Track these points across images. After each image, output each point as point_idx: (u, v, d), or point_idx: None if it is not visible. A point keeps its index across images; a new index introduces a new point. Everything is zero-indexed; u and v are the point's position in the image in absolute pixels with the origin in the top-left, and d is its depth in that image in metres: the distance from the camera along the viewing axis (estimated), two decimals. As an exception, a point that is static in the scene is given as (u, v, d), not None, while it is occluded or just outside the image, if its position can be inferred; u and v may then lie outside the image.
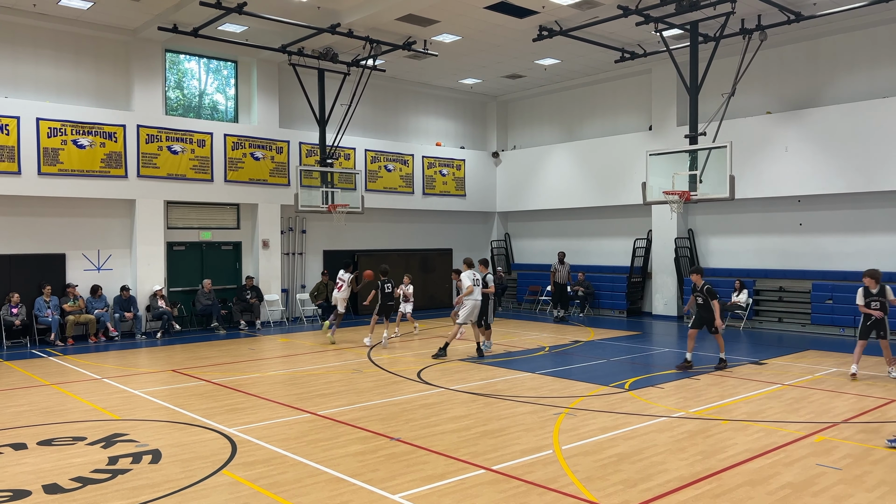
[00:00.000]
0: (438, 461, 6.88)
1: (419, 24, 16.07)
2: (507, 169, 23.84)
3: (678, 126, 18.65)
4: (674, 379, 10.97)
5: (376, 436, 7.80)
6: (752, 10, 14.74)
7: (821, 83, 16.87)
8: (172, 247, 17.69)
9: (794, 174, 16.69)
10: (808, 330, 16.41)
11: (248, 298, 17.94)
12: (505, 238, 24.50)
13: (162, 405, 9.46)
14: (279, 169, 18.88)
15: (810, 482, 6.24)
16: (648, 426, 8.14)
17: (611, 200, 20.51)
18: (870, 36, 16.02)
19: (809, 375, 11.16)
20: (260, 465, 6.81)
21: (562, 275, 19.67)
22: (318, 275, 19.88)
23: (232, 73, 18.88)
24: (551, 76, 21.37)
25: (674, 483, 6.23)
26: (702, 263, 19.22)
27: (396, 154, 21.41)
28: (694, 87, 14.90)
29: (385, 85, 21.32)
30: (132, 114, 16.52)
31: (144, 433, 8.03)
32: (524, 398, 9.64)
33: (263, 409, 9.21)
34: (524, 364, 12.42)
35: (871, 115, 15.51)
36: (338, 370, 11.92)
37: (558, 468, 6.65)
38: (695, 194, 14.25)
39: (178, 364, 12.71)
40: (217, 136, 17.78)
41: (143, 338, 16.10)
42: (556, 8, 14.99)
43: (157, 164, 16.78)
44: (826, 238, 16.87)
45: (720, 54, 15.24)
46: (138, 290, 16.63)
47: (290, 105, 19.50)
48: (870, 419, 8.42)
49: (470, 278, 13.06)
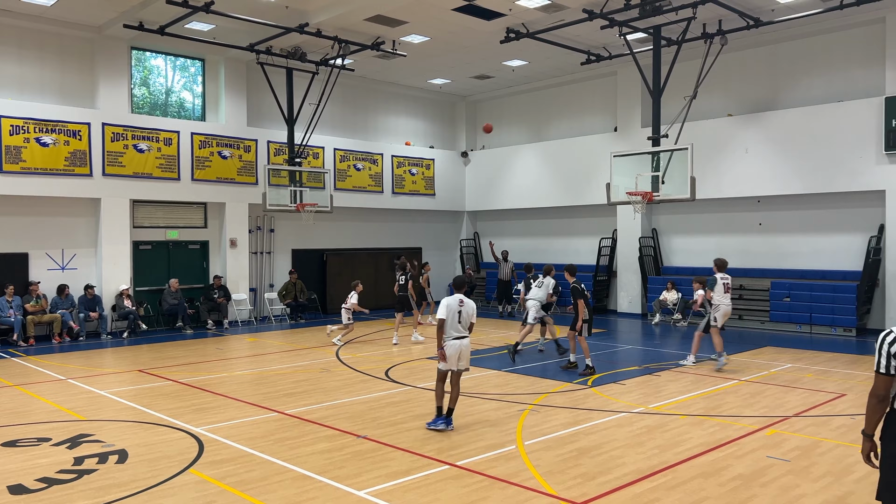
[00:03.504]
0: (404, 458, 7.02)
1: (388, 25, 16.16)
2: (476, 168, 24.05)
3: (642, 127, 19.01)
4: (636, 375, 11.25)
5: (343, 434, 7.91)
6: (714, 16, 15.11)
7: (779, 87, 17.35)
8: (139, 246, 17.54)
9: (753, 175, 17.15)
10: (766, 327, 16.87)
11: (216, 298, 17.88)
12: (474, 237, 24.71)
13: (128, 405, 9.46)
14: (247, 168, 18.83)
15: (760, 473, 6.51)
16: (609, 421, 8.38)
17: (577, 200, 20.83)
18: (826, 42, 16.52)
19: (766, 371, 11.53)
20: (227, 463, 6.88)
21: (505, 272, 20.14)
22: (286, 274, 19.87)
23: (199, 71, 18.77)
24: (519, 77, 21.62)
25: (631, 476, 6.46)
26: (665, 262, 19.66)
27: (366, 153, 21.47)
28: (657, 89, 15.23)
29: (354, 84, 21.37)
30: (97, 112, 16.35)
31: (110, 433, 8.03)
32: (489, 395, 9.83)
33: (230, 408, 9.26)
34: (491, 362, 12.61)
35: (826, 119, 16.02)
36: (305, 370, 11.99)
37: (520, 463, 6.84)
38: (657, 195, 14.60)
39: (144, 364, 12.66)
40: (184, 134, 17.67)
41: (108, 338, 15.95)
42: (523, 11, 15.20)
43: (122, 162, 16.64)
44: (784, 238, 17.37)
45: (682, 58, 15.59)
46: (104, 290, 16.47)
47: (258, 104, 19.44)
48: (819, 413, 8.76)
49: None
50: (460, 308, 8.00)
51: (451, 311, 7.97)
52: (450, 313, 7.97)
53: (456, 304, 8.01)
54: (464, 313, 8.00)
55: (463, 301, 8.06)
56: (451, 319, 7.97)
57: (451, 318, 7.97)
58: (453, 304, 8.01)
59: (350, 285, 15.14)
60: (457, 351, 8.00)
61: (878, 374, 4.03)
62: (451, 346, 7.99)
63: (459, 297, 8.11)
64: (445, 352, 7.96)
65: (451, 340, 8.00)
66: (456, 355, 8.00)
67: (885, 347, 3.99)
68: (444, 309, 7.99)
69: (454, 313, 7.98)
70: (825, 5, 14.67)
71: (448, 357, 7.98)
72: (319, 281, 20.98)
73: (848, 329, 15.56)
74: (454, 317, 7.98)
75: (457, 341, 8.01)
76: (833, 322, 15.73)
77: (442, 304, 8.05)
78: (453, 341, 8.01)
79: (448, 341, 7.99)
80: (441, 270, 23.64)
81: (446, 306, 7.99)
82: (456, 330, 8.00)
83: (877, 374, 4.04)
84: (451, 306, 7.99)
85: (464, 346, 8.04)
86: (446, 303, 8.03)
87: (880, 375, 4.02)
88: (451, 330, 8.00)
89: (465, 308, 8.02)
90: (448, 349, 7.97)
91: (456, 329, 8.00)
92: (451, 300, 8.06)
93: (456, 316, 7.98)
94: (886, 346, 3.99)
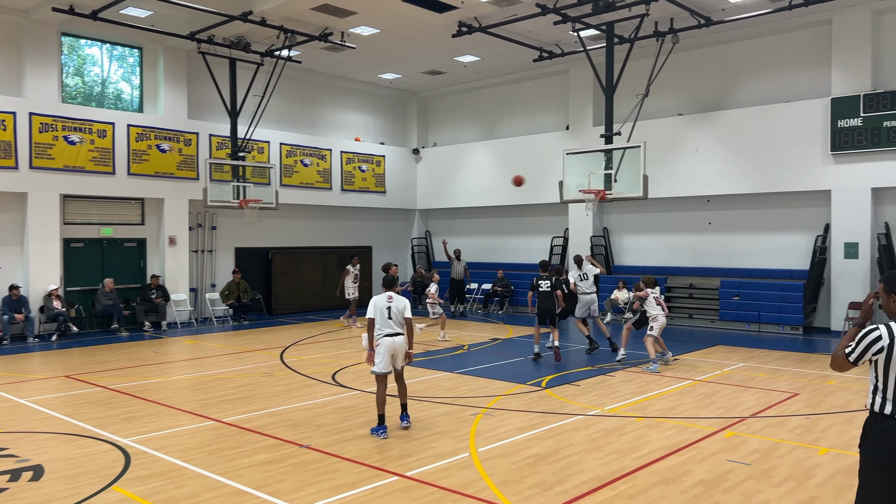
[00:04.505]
0: (350, 469, 6.57)
1: (336, 15, 15.62)
2: (428, 166, 23.65)
3: (594, 126, 18.91)
4: (590, 376, 11.01)
5: (285, 443, 7.40)
6: (666, 14, 15.05)
7: (729, 87, 17.45)
8: (70, 243, 16.56)
9: (703, 175, 17.21)
10: (716, 325, 16.93)
11: (154, 298, 17.02)
12: (426, 236, 24.29)
13: (51, 415, 8.74)
14: (187, 162, 18.00)
15: (721, 479, 6.28)
16: (565, 425, 8.08)
17: (529, 199, 20.62)
18: (774, 42, 16.67)
19: (719, 371, 11.44)
20: (155, 478, 6.31)
21: (458, 271, 19.89)
22: (229, 273, 19.09)
23: (137, 60, 17.85)
24: (471, 74, 21.30)
25: (590, 484, 6.15)
26: (616, 261, 19.60)
27: (313, 148, 20.83)
28: (609, 87, 15.09)
29: (301, 77, 20.71)
30: (23, 100, 15.35)
31: (27, 447, 7.35)
32: (441, 399, 9.43)
33: (164, 416, 8.64)
34: (443, 363, 12.22)
35: (774, 119, 16.16)
36: (247, 373, 11.39)
37: (474, 472, 6.46)
38: (610, 193, 14.43)
39: (73, 369, 11.85)
40: (120, 126, 16.77)
41: (35, 341, 14.99)
42: (476, 4, 14.86)
43: (52, 154, 15.66)
44: (733, 237, 17.47)
45: (635, 56, 15.49)
46: (31, 290, 15.48)
47: (199, 95, 18.61)
48: (775, 413, 8.64)
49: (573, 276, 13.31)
50: (389, 304, 7.81)
51: (378, 309, 7.81)
52: (378, 311, 7.80)
53: (384, 302, 7.84)
54: (393, 309, 7.80)
55: (392, 297, 7.88)
56: (381, 317, 7.81)
57: (379, 315, 7.81)
58: (381, 302, 7.84)
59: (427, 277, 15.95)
60: (389, 349, 7.76)
61: (846, 357, 3.88)
62: (384, 345, 7.76)
63: (388, 294, 7.93)
64: (377, 351, 7.76)
65: (383, 338, 7.77)
66: (389, 354, 7.77)
67: (865, 343, 3.77)
68: (373, 308, 7.83)
69: (382, 311, 7.80)
70: (774, 6, 14.76)
71: (381, 356, 7.75)
72: (264, 281, 20.25)
73: (795, 327, 15.70)
74: (383, 314, 7.81)
75: (389, 339, 7.77)
76: (781, 321, 15.85)
77: (370, 303, 7.88)
78: (385, 339, 7.77)
79: (379, 338, 7.78)
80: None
81: (374, 305, 7.84)
82: (388, 326, 7.79)
83: (845, 355, 3.89)
84: (380, 304, 7.83)
85: (397, 343, 7.80)
86: (374, 301, 7.87)
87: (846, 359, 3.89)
88: (383, 327, 7.80)
89: (394, 304, 7.82)
90: (380, 347, 7.76)
91: (387, 326, 7.79)
92: (378, 298, 7.90)
93: (385, 313, 7.80)
94: (867, 343, 3.76)
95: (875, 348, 3.75)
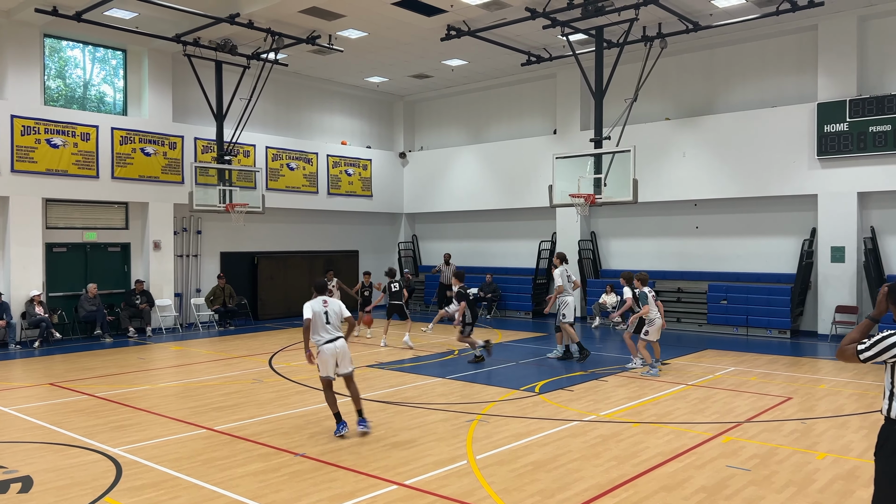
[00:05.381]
0: (347, 478, 6.46)
1: (324, 18, 15.50)
2: (415, 170, 23.56)
3: (582, 130, 18.95)
4: (582, 381, 10.97)
5: (279, 452, 7.27)
6: (654, 18, 15.11)
7: (716, 91, 17.55)
8: (52, 248, 16.27)
9: (691, 179, 17.28)
10: (704, 329, 17.00)
11: (138, 304, 16.76)
12: (413, 240, 24.19)
13: (36, 424, 8.53)
14: (172, 165, 17.77)
15: (722, 485, 6.25)
16: (561, 431, 8.02)
17: (517, 203, 20.63)
18: (760, 48, 16.79)
19: (710, 375, 11.45)
20: (148, 489, 6.16)
21: (446, 276, 19.89)
22: (214, 278, 18.86)
23: (121, 62, 17.61)
24: (458, 77, 21.26)
25: (591, 491, 6.09)
26: (604, 265, 19.63)
27: (300, 152, 20.67)
28: (599, 91, 15.11)
29: (288, 80, 20.55)
30: (5, 102, 15.06)
31: (14, 457, 7.15)
32: (435, 405, 9.34)
33: (153, 425, 8.46)
34: (434, 369, 12.13)
35: (760, 124, 16.27)
36: (236, 380, 11.22)
37: (473, 480, 6.38)
38: (599, 197, 14.44)
39: (57, 377, 11.61)
40: (103, 129, 16.52)
41: (17, 348, 14.69)
42: (465, 7, 14.81)
43: (34, 158, 15.38)
44: (720, 241, 17.55)
45: (623, 60, 15.51)
46: (12, 296, 15.16)
47: (184, 98, 18.39)
48: (770, 417, 8.64)
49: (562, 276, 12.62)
50: (325, 308, 7.77)
51: (316, 313, 7.73)
52: (315, 314, 7.72)
53: (320, 305, 7.78)
54: (331, 313, 7.78)
55: (327, 301, 7.85)
56: (319, 321, 7.73)
57: (317, 319, 7.72)
58: (318, 306, 7.78)
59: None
60: (332, 355, 7.72)
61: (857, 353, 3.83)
62: (325, 351, 7.71)
63: (322, 298, 7.89)
64: (320, 358, 7.70)
65: (324, 344, 7.72)
66: (332, 360, 7.72)
67: (883, 346, 3.72)
68: (309, 310, 7.73)
69: (320, 314, 7.74)
70: (762, 11, 14.85)
71: (323, 363, 7.72)
72: (250, 285, 20.04)
73: (783, 331, 15.80)
74: (321, 318, 7.73)
75: (330, 345, 7.73)
76: (769, 324, 15.95)
77: (306, 306, 7.78)
78: (326, 345, 7.72)
79: (321, 345, 7.72)
80: (379, 274, 22.99)
81: (311, 308, 7.75)
82: (327, 332, 7.74)
83: (856, 350, 3.84)
84: (316, 308, 7.76)
85: (339, 347, 7.76)
86: (310, 305, 7.79)
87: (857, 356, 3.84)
88: (322, 333, 7.73)
89: (330, 307, 7.81)
90: (322, 354, 7.71)
91: (326, 331, 7.74)
92: (314, 302, 7.82)
93: (323, 317, 7.74)
94: (885, 346, 3.72)
95: (893, 352, 3.71)
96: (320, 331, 7.74)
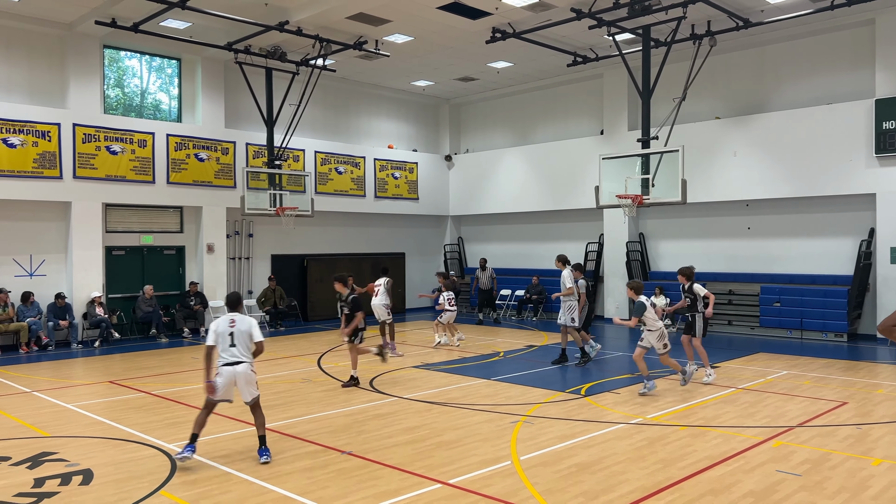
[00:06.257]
0: (392, 476, 6.56)
1: (370, 24, 15.73)
2: (460, 172, 23.66)
3: (629, 130, 18.75)
4: (628, 384, 10.86)
5: (326, 449, 7.43)
6: (703, 16, 14.87)
7: (768, 89, 17.15)
8: (111, 251, 16.89)
9: (742, 179, 16.92)
10: (756, 333, 16.62)
11: (192, 305, 17.26)
12: (458, 242, 24.29)
13: (97, 420, 8.89)
14: (225, 170, 18.26)
15: (771, 489, 6.13)
16: (607, 433, 7.97)
17: (563, 204, 20.52)
18: (813, 44, 16.35)
19: (762, 379, 11.21)
20: (202, 483, 6.38)
21: (483, 280, 19.87)
22: (265, 280, 19.30)
23: (175, 71, 18.18)
24: (504, 79, 21.27)
25: (636, 494, 6.05)
26: (653, 267, 19.36)
27: (347, 156, 20.98)
28: (646, 91, 14.95)
29: (335, 85, 20.89)
30: (68, 112, 15.72)
31: (75, 451, 7.48)
32: (480, 406, 9.39)
33: (207, 422, 8.71)
34: (479, 370, 12.18)
35: (815, 121, 15.83)
36: (285, 380, 11.47)
37: (517, 480, 6.40)
38: (647, 198, 14.28)
39: (116, 375, 12.06)
40: (159, 136, 17.08)
41: (79, 347, 15.30)
42: (510, 10, 14.84)
43: (94, 164, 16.00)
44: (773, 242, 17.14)
45: (671, 59, 15.33)
46: (74, 297, 15.80)
47: (236, 105, 18.88)
48: (824, 423, 8.43)
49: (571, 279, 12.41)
50: (232, 329, 6.97)
51: (220, 336, 6.97)
52: (219, 338, 6.97)
53: (226, 326, 6.98)
54: (237, 334, 6.96)
55: (234, 321, 7.01)
56: (223, 343, 6.96)
57: (220, 342, 6.97)
58: (223, 328, 6.99)
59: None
60: (229, 379, 6.93)
61: None
62: (224, 374, 6.92)
63: (231, 316, 7.08)
64: (216, 382, 6.90)
65: (223, 367, 6.93)
66: (230, 384, 6.95)
67: None
68: (213, 335, 6.98)
69: (224, 337, 6.96)
70: (815, 6, 14.49)
71: (220, 387, 6.91)
72: (300, 287, 20.42)
73: (839, 334, 15.34)
74: (225, 341, 6.96)
75: (229, 368, 6.92)
76: (824, 327, 15.50)
77: (210, 328, 7.06)
78: (225, 367, 6.93)
79: (220, 366, 6.95)
80: (425, 276, 23.20)
81: (214, 331, 6.98)
82: (230, 354, 6.93)
83: None
84: (221, 330, 6.98)
85: (238, 372, 6.93)
86: (215, 327, 7.01)
87: None
88: (224, 354, 6.95)
89: (237, 328, 6.98)
90: (220, 378, 6.92)
91: (229, 353, 6.93)
92: (220, 323, 7.05)
93: (227, 339, 6.96)
94: None
95: None
96: (222, 352, 6.97)
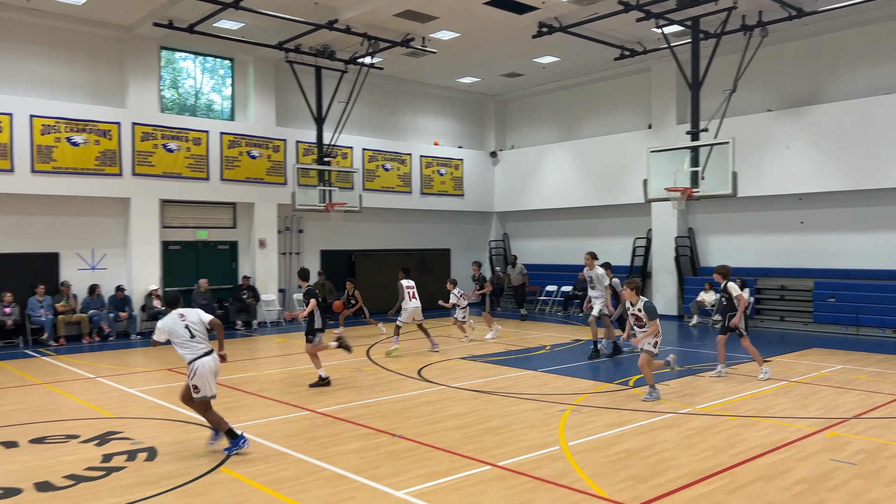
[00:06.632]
0: (442, 457, 6.70)
1: (417, 21, 15.91)
2: (506, 169, 23.70)
3: (678, 124, 18.52)
4: (677, 377, 10.79)
5: (377, 433, 7.61)
6: (754, 7, 14.62)
7: (821, 80, 16.76)
8: (168, 246, 17.47)
9: (795, 172, 16.57)
10: (810, 329, 16.26)
11: (245, 298, 17.73)
12: (503, 238, 24.34)
13: (157, 403, 9.26)
14: (276, 167, 18.69)
15: (825, 477, 6.07)
16: (655, 422, 7.96)
17: (610, 200, 20.37)
18: (870, 33, 15.92)
19: (815, 372, 11.00)
20: (259, 462, 6.61)
21: (513, 277, 19.93)
22: (314, 275, 19.65)
23: (228, 71, 18.69)
24: (550, 75, 21.24)
25: (685, 478, 6.06)
26: (702, 262, 19.09)
27: (394, 153, 21.24)
28: (696, 83, 14.78)
29: (383, 83, 21.17)
30: (127, 111, 16.31)
31: (139, 431, 7.83)
32: (527, 395, 9.46)
33: (261, 406, 9.02)
34: (525, 362, 12.24)
35: (871, 113, 15.40)
36: (336, 369, 11.72)
37: (566, 464, 6.47)
38: (697, 191, 14.13)
39: (173, 363, 12.46)
40: (213, 134, 17.58)
41: (138, 338, 15.87)
42: (556, 4, 14.84)
43: (152, 162, 16.58)
44: (827, 236, 16.74)
45: (720, 51, 15.11)
46: (133, 290, 16.40)
47: (286, 103, 19.31)
48: (881, 415, 8.26)
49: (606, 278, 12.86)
50: (185, 322, 6.86)
51: (175, 333, 6.83)
52: (175, 335, 6.83)
53: (177, 321, 6.86)
54: (191, 325, 6.88)
55: (183, 315, 6.92)
56: (182, 338, 6.82)
57: (179, 339, 6.82)
58: (175, 323, 6.84)
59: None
60: (211, 370, 6.87)
61: None
62: (204, 366, 6.80)
63: (178, 312, 6.96)
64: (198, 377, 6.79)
65: (200, 359, 6.81)
66: (211, 375, 6.88)
67: None
68: (166, 333, 6.82)
69: (181, 333, 6.83)
70: (872, -7, 14.12)
71: (204, 380, 6.82)
72: (348, 282, 20.72)
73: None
74: (183, 334, 6.82)
75: (207, 358, 6.86)
76: (882, 323, 15.09)
77: (158, 327, 6.90)
78: (204, 359, 6.83)
79: (196, 360, 6.80)
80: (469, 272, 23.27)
81: (168, 330, 6.81)
82: (193, 348, 6.84)
83: None
84: (174, 326, 6.83)
85: (213, 366, 6.91)
86: (165, 326, 6.83)
87: None
88: (191, 350, 6.82)
89: (189, 320, 6.89)
90: (201, 370, 6.79)
91: (191, 347, 6.84)
92: (168, 320, 6.87)
93: (185, 333, 6.83)
94: None
95: None
96: (187, 349, 6.81)
